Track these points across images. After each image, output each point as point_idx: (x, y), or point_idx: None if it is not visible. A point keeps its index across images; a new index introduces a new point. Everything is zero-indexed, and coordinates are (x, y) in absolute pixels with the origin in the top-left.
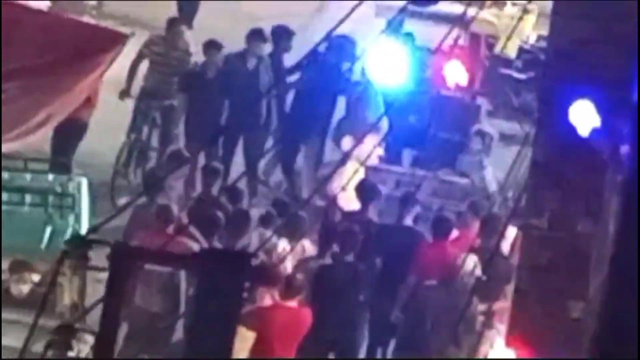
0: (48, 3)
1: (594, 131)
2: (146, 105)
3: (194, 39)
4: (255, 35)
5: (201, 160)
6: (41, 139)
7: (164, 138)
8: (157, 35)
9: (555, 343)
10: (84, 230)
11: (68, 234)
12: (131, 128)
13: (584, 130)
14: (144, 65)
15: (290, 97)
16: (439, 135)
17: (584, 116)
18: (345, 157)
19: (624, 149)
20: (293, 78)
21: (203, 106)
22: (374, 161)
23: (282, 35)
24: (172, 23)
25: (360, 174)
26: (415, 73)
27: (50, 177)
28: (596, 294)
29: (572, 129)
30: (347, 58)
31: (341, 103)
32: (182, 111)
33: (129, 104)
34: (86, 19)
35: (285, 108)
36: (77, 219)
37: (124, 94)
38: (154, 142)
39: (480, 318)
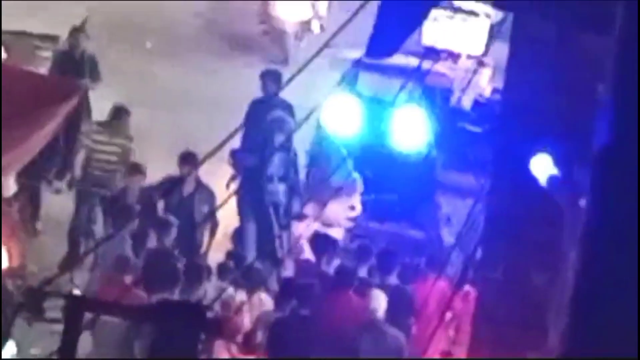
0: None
1: (553, 182)
2: (89, 194)
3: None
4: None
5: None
6: None
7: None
8: (97, 123)
9: None
10: None
11: None
12: (75, 216)
13: (545, 182)
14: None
15: None
16: (395, 188)
17: (543, 169)
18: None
19: (583, 201)
20: None
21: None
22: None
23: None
24: (117, 110)
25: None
26: (370, 126)
27: None
28: (556, 346)
29: (528, 182)
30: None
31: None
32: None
33: None
34: (42, 70)
35: None
36: None
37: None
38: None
39: None
